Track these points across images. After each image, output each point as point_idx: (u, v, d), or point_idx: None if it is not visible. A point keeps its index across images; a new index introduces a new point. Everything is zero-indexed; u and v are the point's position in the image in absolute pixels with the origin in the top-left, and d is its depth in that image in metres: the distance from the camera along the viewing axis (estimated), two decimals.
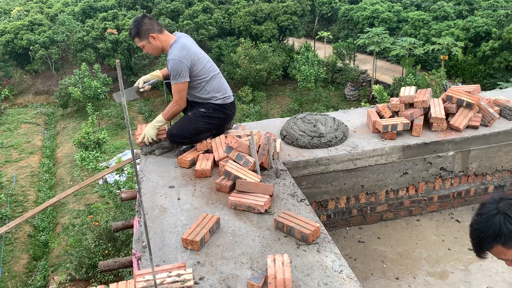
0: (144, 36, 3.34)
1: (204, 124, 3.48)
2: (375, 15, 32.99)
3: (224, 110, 3.55)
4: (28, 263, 14.67)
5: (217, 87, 3.52)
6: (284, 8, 32.57)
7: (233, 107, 3.64)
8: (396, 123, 3.70)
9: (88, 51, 31.02)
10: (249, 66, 28.37)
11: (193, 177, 3.25)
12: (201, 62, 3.42)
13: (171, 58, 3.30)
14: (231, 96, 3.63)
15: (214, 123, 3.54)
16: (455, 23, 29.33)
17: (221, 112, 3.54)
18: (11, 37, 31.02)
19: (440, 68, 25.66)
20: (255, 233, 2.62)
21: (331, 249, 2.47)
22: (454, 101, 3.90)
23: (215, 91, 3.50)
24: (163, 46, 3.39)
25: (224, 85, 3.59)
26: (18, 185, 19.30)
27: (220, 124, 3.60)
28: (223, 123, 3.62)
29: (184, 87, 3.38)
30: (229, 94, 3.61)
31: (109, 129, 24.05)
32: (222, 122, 3.61)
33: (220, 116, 3.54)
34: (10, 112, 28.60)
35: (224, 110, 3.55)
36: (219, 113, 3.53)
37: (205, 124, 3.48)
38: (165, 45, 3.39)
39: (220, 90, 3.53)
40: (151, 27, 3.34)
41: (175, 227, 2.71)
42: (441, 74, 23.37)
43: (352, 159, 3.59)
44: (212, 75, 3.49)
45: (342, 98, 29.07)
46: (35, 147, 23.50)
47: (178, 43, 3.36)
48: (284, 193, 2.99)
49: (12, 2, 40.67)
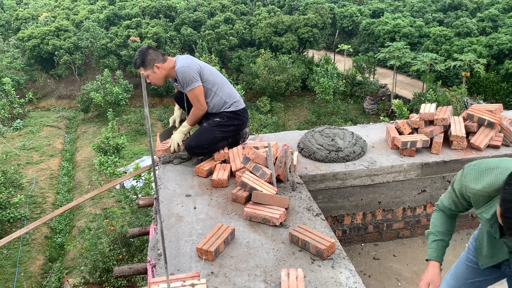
0: (149, 66, 3.40)
1: (220, 133, 3.52)
2: (396, 30, 32.87)
3: (237, 116, 3.58)
4: (44, 264, 14.87)
5: (228, 94, 3.55)
6: (305, 21, 32.72)
7: (245, 112, 3.67)
8: (416, 140, 3.66)
9: (111, 58, 31.62)
10: (268, 76, 28.50)
11: (209, 187, 3.27)
12: (208, 70, 3.50)
13: (178, 68, 3.37)
14: (241, 102, 3.65)
15: (230, 131, 3.58)
16: (478, 39, 29.00)
17: (235, 119, 3.57)
18: (37, 42, 31.85)
19: (461, 84, 25.35)
20: (269, 245, 2.62)
21: (345, 265, 2.45)
22: (475, 120, 3.85)
23: (226, 97, 3.53)
24: (168, 73, 3.46)
25: (233, 92, 3.61)
26: (37, 186, 19.66)
27: (235, 131, 3.65)
28: (238, 130, 3.66)
29: (200, 91, 3.42)
30: (239, 100, 3.63)
31: (128, 134, 24.37)
32: (237, 129, 3.64)
33: (234, 123, 3.57)
34: (33, 115, 29.25)
35: (237, 116, 3.58)
36: (234, 120, 3.56)
37: (221, 133, 3.52)
38: (169, 71, 3.46)
39: (230, 97, 3.56)
40: (156, 57, 3.41)
41: (190, 236, 2.72)
42: (462, 91, 23.08)
43: (370, 174, 3.57)
44: (221, 82, 3.55)
45: (360, 112, 28.92)
46: (55, 150, 23.94)
47: (182, 56, 3.48)
48: (300, 206, 2.99)
49: (40, 8, 41.81)
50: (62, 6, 42.19)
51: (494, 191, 1.84)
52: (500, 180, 1.81)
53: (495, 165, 1.87)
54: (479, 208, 1.93)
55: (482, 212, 1.90)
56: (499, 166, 1.86)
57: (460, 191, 2.03)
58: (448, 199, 2.19)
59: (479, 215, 1.93)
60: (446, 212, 2.23)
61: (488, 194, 1.86)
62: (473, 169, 1.94)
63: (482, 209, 1.90)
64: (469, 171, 1.95)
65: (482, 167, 1.91)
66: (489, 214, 1.87)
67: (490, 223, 1.89)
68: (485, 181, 1.86)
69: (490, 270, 2.28)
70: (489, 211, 1.87)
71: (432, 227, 2.25)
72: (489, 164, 1.90)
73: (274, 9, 38.61)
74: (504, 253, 2.10)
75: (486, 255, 2.20)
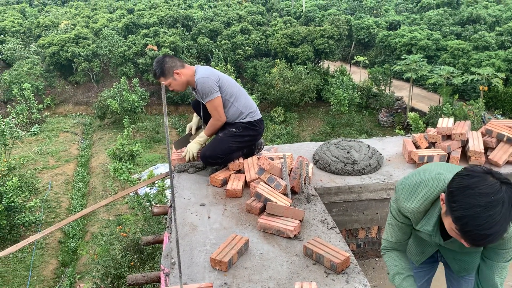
0: (168, 74, 3.43)
1: (236, 144, 3.52)
2: (413, 42, 32.72)
3: (253, 127, 3.58)
4: (56, 269, 15.00)
5: (244, 105, 3.55)
6: (321, 32, 32.79)
7: (261, 123, 3.66)
8: (433, 155, 3.62)
9: (128, 66, 32.07)
10: (283, 87, 28.56)
11: (224, 197, 3.27)
12: (226, 80, 3.52)
13: (198, 78, 3.39)
14: (258, 112, 3.66)
15: (245, 141, 3.58)
16: (496, 53, 28.70)
17: (251, 130, 3.57)
18: (57, 49, 32.50)
19: (479, 99, 25.04)
20: (283, 258, 2.60)
21: (360, 280, 2.42)
22: (494, 135, 3.79)
23: (243, 108, 3.54)
24: (188, 79, 3.48)
25: (250, 103, 3.62)
26: (52, 191, 19.91)
27: (250, 142, 3.64)
28: (253, 140, 3.66)
29: (219, 102, 3.44)
30: (256, 111, 3.64)
31: (143, 142, 24.59)
32: (252, 140, 3.64)
33: (250, 134, 3.57)
34: (51, 120, 29.74)
35: (253, 127, 3.58)
36: (249, 131, 3.56)
37: (236, 143, 3.52)
38: (189, 78, 3.47)
39: (247, 107, 3.56)
40: (173, 64, 3.44)
41: (204, 246, 2.72)
42: (480, 105, 22.79)
43: (386, 188, 3.53)
44: (238, 92, 3.55)
45: (376, 124, 28.74)
46: (71, 156, 24.26)
47: (201, 67, 3.51)
48: (314, 219, 2.97)
49: (61, 16, 42.71)
50: (82, 14, 43.05)
51: (429, 204, 1.91)
52: (431, 193, 1.89)
53: (420, 179, 1.94)
54: (419, 223, 1.99)
55: (423, 226, 1.97)
56: (424, 179, 1.93)
57: (398, 214, 2.05)
58: (391, 236, 2.17)
59: (420, 229, 1.99)
60: (397, 249, 2.21)
61: (425, 209, 1.93)
62: (402, 189, 1.99)
63: (422, 223, 1.97)
64: (400, 192, 1.99)
65: (409, 185, 1.97)
66: (430, 226, 1.94)
67: (433, 234, 1.96)
68: (418, 199, 1.92)
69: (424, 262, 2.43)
70: (429, 223, 1.95)
71: (393, 267, 2.20)
72: (414, 179, 1.96)
73: (291, 20, 38.79)
74: (431, 247, 2.26)
75: (416, 253, 2.35)
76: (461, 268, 2.26)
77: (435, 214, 1.90)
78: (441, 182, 1.87)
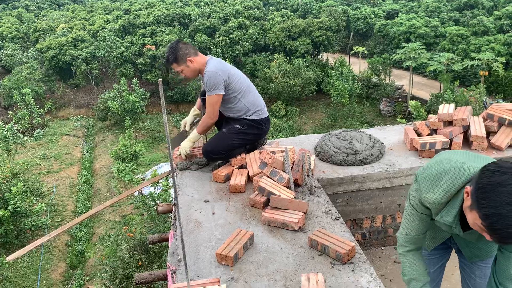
0: (182, 60, 3.40)
1: (239, 141, 3.48)
2: (411, 30, 32.57)
3: (258, 126, 3.53)
4: (65, 272, 15.08)
5: (252, 102, 3.51)
6: (319, 24, 32.67)
7: (267, 122, 3.61)
8: (435, 141, 3.61)
9: (127, 66, 32.07)
10: (283, 81, 28.50)
11: (227, 192, 3.27)
12: (236, 76, 3.47)
13: (208, 70, 3.35)
14: (265, 111, 3.60)
15: (249, 139, 3.54)
16: (495, 38, 28.54)
17: (256, 128, 3.53)
18: (55, 52, 32.51)
19: (480, 84, 24.94)
20: (288, 250, 2.60)
21: (366, 269, 2.42)
22: (496, 120, 3.78)
23: (250, 105, 3.50)
24: (200, 68, 3.44)
25: (258, 100, 3.57)
26: (57, 195, 19.98)
27: (254, 139, 3.60)
28: (257, 138, 3.61)
29: (218, 100, 3.40)
30: (263, 109, 3.59)
31: (145, 142, 24.62)
32: (256, 138, 3.60)
33: (254, 132, 3.53)
34: (52, 124, 29.80)
35: (258, 126, 3.53)
36: (254, 129, 3.52)
37: (239, 140, 3.48)
38: (201, 67, 3.44)
39: (254, 105, 3.52)
40: (187, 51, 3.41)
41: (210, 242, 2.73)
42: (481, 90, 22.70)
43: (389, 177, 3.53)
44: (247, 89, 3.51)
45: (377, 114, 28.68)
46: (74, 159, 24.32)
47: (214, 59, 3.46)
48: (318, 210, 2.97)
49: (58, 20, 42.69)
50: (79, 17, 43.02)
51: (451, 195, 1.87)
52: (454, 184, 1.84)
53: (442, 169, 1.88)
54: (438, 213, 1.95)
55: (443, 217, 1.93)
56: (446, 169, 1.88)
57: (419, 204, 2.01)
58: (411, 229, 2.12)
59: (440, 220, 1.95)
60: (415, 245, 2.17)
61: (447, 200, 1.88)
62: (423, 179, 1.94)
63: (442, 214, 1.93)
64: (421, 182, 1.95)
65: (430, 175, 1.92)
66: (450, 217, 1.90)
67: (453, 225, 1.92)
68: (440, 190, 1.88)
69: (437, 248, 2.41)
70: (449, 215, 1.90)
71: (410, 271, 2.17)
72: (435, 169, 1.91)
73: (288, 13, 38.66)
74: (444, 234, 2.24)
75: (428, 238, 2.33)
76: (474, 254, 2.23)
77: (456, 205, 1.86)
78: (464, 173, 1.82)
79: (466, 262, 2.35)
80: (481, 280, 2.33)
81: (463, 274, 2.45)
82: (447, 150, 2.03)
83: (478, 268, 2.32)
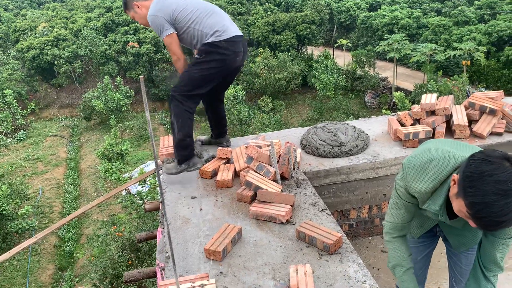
0: (130, 6, 3.25)
1: (198, 71, 3.06)
2: (394, 22, 32.80)
3: (217, 49, 3.01)
4: (54, 273, 14.95)
5: (210, 25, 3.05)
6: (303, 18, 32.71)
7: (232, 44, 3.03)
8: (418, 131, 3.66)
9: (111, 65, 31.73)
10: (268, 75, 28.52)
11: (214, 188, 3.27)
12: (184, 6, 3.13)
13: (149, 16, 3.12)
14: (229, 31, 3.05)
15: (212, 68, 3.05)
16: (476, 27, 28.92)
17: (216, 53, 3.02)
18: (37, 52, 32.00)
19: (462, 73, 25.28)
20: (276, 243, 2.62)
21: (353, 259, 2.45)
22: (477, 108, 3.84)
23: (207, 29, 3.05)
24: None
25: (219, 22, 3.07)
26: (44, 196, 19.74)
27: (219, 68, 3.09)
28: (222, 66, 3.08)
29: (171, 40, 3.10)
30: (225, 29, 3.04)
31: (131, 140, 24.45)
32: (221, 66, 3.07)
33: (215, 59, 3.03)
34: (36, 125, 29.39)
35: (217, 49, 3.01)
36: (213, 55, 3.02)
37: (199, 71, 3.06)
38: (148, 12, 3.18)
39: (212, 27, 3.04)
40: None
41: (198, 238, 2.73)
42: (464, 79, 23.01)
43: (374, 168, 3.57)
44: (204, 14, 3.10)
45: (362, 106, 28.89)
46: (60, 159, 24.04)
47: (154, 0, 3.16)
48: (305, 203, 2.99)
49: (38, 19, 41.96)
50: (60, 16, 42.35)
51: (438, 184, 1.87)
52: (440, 173, 1.84)
53: (428, 159, 1.88)
54: (425, 202, 1.96)
55: (430, 205, 1.94)
56: (432, 158, 1.88)
57: (405, 193, 2.02)
58: (397, 217, 2.14)
59: (427, 208, 1.96)
60: (400, 232, 2.19)
61: (434, 189, 1.89)
62: (409, 168, 1.95)
63: (429, 202, 1.94)
64: (408, 172, 1.95)
65: (417, 165, 1.92)
66: (437, 206, 1.91)
67: (440, 213, 1.93)
68: (427, 179, 1.88)
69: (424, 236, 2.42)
70: (436, 203, 1.91)
71: (395, 257, 2.20)
72: (422, 158, 1.91)
73: (271, 8, 38.62)
74: (431, 221, 2.26)
75: (416, 226, 2.34)
76: (460, 243, 2.26)
77: (442, 194, 1.87)
78: (450, 162, 1.83)
79: (453, 250, 2.38)
80: (468, 268, 2.36)
81: (450, 262, 2.48)
82: (433, 139, 2.04)
83: (464, 257, 2.36)
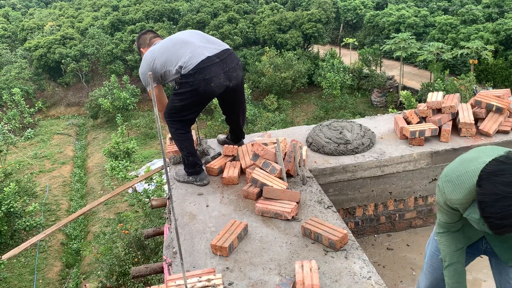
0: (139, 50, 3.58)
1: (178, 102, 3.17)
2: (401, 21, 32.62)
3: (187, 80, 3.06)
4: (61, 271, 15.06)
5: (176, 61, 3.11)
6: (309, 16, 32.63)
7: (201, 71, 3.02)
8: (424, 129, 3.66)
9: (117, 63, 31.84)
10: (274, 74, 28.47)
11: (220, 185, 3.30)
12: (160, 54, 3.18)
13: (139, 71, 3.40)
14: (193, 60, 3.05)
15: (187, 98, 3.13)
16: (484, 26, 28.68)
17: (186, 84, 3.08)
18: (44, 51, 32.18)
19: (470, 72, 25.09)
20: (282, 239, 2.64)
21: (359, 255, 2.47)
22: (483, 106, 3.84)
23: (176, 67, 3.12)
24: None
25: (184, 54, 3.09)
26: (51, 194, 19.88)
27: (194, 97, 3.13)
28: (197, 95, 3.11)
29: (155, 93, 3.36)
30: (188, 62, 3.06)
31: (138, 139, 24.52)
32: (195, 95, 3.11)
33: (187, 90, 3.09)
34: (43, 123, 29.57)
35: (187, 80, 3.06)
36: (185, 86, 3.09)
37: (178, 101, 3.17)
38: None
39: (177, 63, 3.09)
40: (142, 41, 3.52)
41: (204, 234, 2.76)
42: (471, 78, 22.86)
43: (380, 165, 3.58)
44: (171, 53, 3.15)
45: (369, 105, 28.78)
46: (67, 157, 24.19)
47: (147, 53, 3.30)
48: (311, 200, 3.01)
49: (45, 18, 42.19)
50: (67, 15, 42.55)
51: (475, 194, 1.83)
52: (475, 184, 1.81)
53: (465, 170, 1.87)
54: (466, 210, 1.94)
55: (470, 213, 1.92)
56: (467, 170, 1.86)
57: (446, 204, 2.01)
58: (443, 215, 2.13)
59: (468, 216, 1.95)
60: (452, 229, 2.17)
61: (472, 199, 1.87)
62: (446, 181, 1.94)
63: (470, 211, 1.92)
64: (445, 185, 1.94)
65: (453, 177, 1.91)
66: (477, 214, 1.88)
67: (481, 222, 1.90)
68: (464, 190, 1.86)
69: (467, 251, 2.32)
70: (476, 211, 1.88)
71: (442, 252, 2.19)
72: (459, 170, 1.90)
73: (277, 6, 38.52)
74: (478, 234, 2.18)
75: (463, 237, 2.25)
76: (510, 256, 2.16)
77: None
78: None
79: (503, 264, 2.24)
80: None
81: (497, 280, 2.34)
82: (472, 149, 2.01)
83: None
